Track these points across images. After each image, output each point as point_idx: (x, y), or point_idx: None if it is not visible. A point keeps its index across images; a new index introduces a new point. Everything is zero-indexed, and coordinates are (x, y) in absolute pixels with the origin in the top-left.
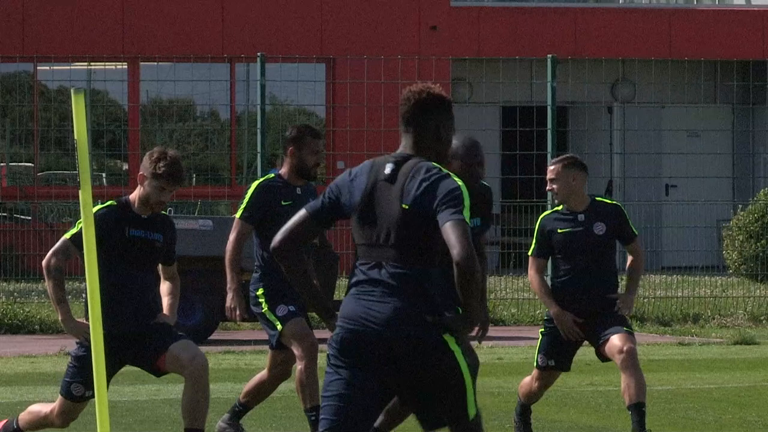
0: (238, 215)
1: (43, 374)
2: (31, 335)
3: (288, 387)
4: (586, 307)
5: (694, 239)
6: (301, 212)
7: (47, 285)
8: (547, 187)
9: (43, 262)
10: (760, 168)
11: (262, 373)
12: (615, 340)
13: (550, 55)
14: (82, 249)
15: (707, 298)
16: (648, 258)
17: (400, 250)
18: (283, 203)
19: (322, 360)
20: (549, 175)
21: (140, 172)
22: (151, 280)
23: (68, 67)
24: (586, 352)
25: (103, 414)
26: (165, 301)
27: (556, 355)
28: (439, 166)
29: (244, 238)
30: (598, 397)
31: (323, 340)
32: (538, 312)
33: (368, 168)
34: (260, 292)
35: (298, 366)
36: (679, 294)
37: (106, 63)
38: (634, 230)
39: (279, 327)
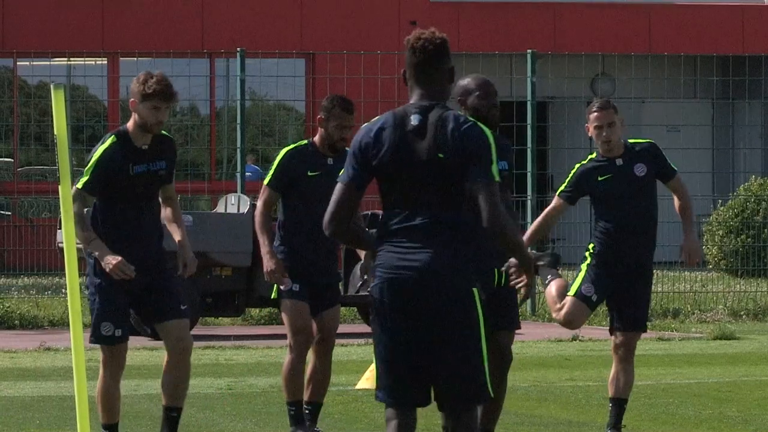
0: (265, 182)
1: (23, 369)
2: (11, 330)
3: (267, 383)
4: (632, 252)
5: (674, 234)
6: (339, 187)
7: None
8: (593, 133)
9: None
10: (739, 163)
11: (311, 366)
12: (621, 336)
13: (529, 51)
14: (95, 196)
15: (687, 293)
16: None
17: (433, 197)
18: (309, 174)
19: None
20: (598, 122)
21: (131, 99)
22: (157, 205)
23: (48, 63)
24: (565, 348)
25: (83, 408)
26: (174, 230)
27: (600, 291)
28: (463, 114)
29: (270, 205)
30: (577, 392)
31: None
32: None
33: (391, 121)
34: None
35: (287, 358)
36: (659, 289)
37: (86, 58)
38: (673, 166)
39: (274, 295)
